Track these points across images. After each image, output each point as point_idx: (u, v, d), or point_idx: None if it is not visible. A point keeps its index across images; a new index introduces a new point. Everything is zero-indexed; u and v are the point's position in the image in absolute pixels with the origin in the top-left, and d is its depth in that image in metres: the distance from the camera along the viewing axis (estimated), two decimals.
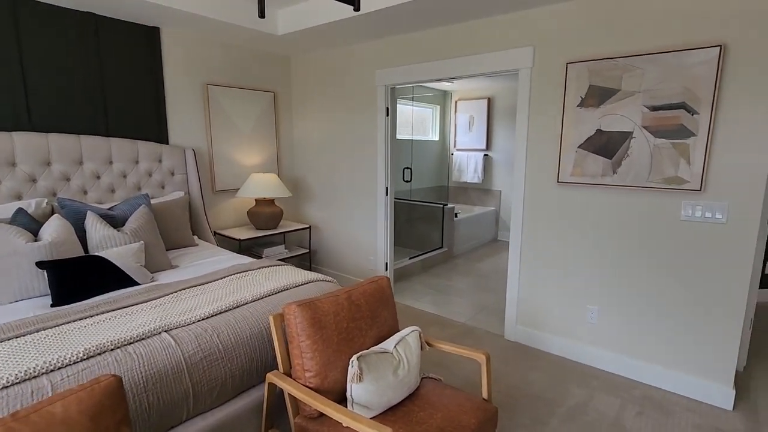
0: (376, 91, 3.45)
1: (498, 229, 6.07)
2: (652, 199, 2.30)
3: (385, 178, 3.51)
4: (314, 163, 4.07)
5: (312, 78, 3.92)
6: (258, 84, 3.82)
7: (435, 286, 4.06)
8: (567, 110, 2.49)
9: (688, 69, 2.10)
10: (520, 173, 2.75)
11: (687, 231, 2.22)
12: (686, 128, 2.14)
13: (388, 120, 3.44)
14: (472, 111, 6.02)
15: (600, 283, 2.54)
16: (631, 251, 2.40)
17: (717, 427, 2.07)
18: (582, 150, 2.47)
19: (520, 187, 2.76)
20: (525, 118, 2.68)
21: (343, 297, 1.66)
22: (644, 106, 2.24)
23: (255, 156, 3.86)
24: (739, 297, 2.13)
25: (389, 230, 3.61)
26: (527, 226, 2.78)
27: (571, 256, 2.62)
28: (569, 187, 2.57)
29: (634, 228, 2.37)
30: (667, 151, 2.20)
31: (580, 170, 2.49)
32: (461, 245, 5.31)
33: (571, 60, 2.46)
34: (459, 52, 2.93)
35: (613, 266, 2.48)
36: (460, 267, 4.72)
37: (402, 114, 5.60)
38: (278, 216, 3.67)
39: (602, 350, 2.57)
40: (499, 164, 5.94)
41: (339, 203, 3.93)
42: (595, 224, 2.50)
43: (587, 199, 2.51)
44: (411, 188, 5.80)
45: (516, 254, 2.84)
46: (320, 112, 3.92)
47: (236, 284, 2.04)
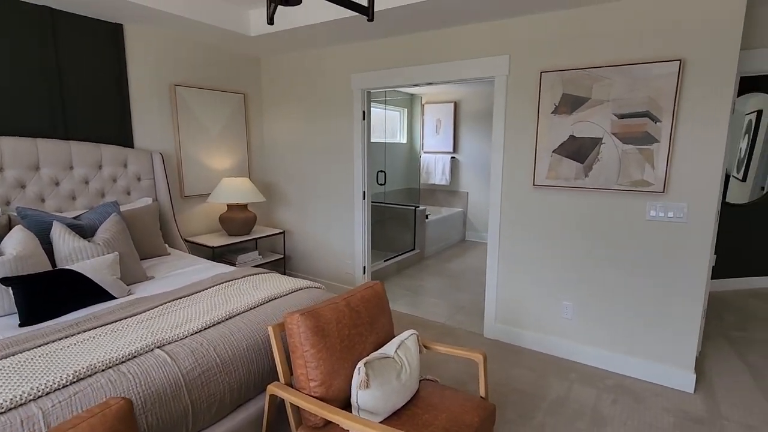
0: (352, 94, 3.45)
1: (465, 229, 6.24)
2: (620, 200, 2.47)
3: (362, 182, 3.52)
4: (287, 166, 3.99)
5: (284, 80, 3.85)
6: (228, 85, 3.70)
7: (410, 288, 4.11)
8: (541, 117, 2.62)
9: (652, 80, 2.27)
10: (497, 177, 2.85)
11: (652, 230, 2.40)
12: (650, 135, 2.32)
13: (364, 124, 3.45)
14: (439, 114, 6.15)
15: (574, 280, 2.68)
16: (602, 249, 2.56)
17: (682, 409, 2.25)
18: (556, 154, 2.60)
19: (497, 190, 2.86)
20: (501, 124, 2.79)
21: (342, 304, 1.65)
22: (613, 114, 2.40)
23: (225, 159, 3.74)
24: (698, 289, 2.33)
25: (367, 234, 3.62)
26: (504, 227, 2.89)
27: (547, 255, 2.75)
28: (544, 190, 2.70)
29: (605, 228, 2.54)
30: (633, 156, 2.37)
31: (554, 174, 2.62)
32: (432, 246, 5.41)
33: (546, 69, 2.59)
34: (437, 58, 2.99)
35: (585, 264, 2.63)
36: (432, 268, 4.80)
37: (374, 117, 5.62)
38: (251, 221, 3.57)
39: (577, 344, 2.72)
40: (465, 167, 6.10)
41: (314, 207, 3.88)
42: (568, 224, 2.65)
43: (561, 200, 2.65)
44: (384, 191, 5.83)
45: (494, 255, 2.94)
46: (293, 114, 3.86)
47: (224, 294, 1.97)
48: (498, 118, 2.79)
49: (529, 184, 2.75)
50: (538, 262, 2.79)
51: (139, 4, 2.54)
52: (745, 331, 3.18)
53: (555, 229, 2.70)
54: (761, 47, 2.44)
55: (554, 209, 2.68)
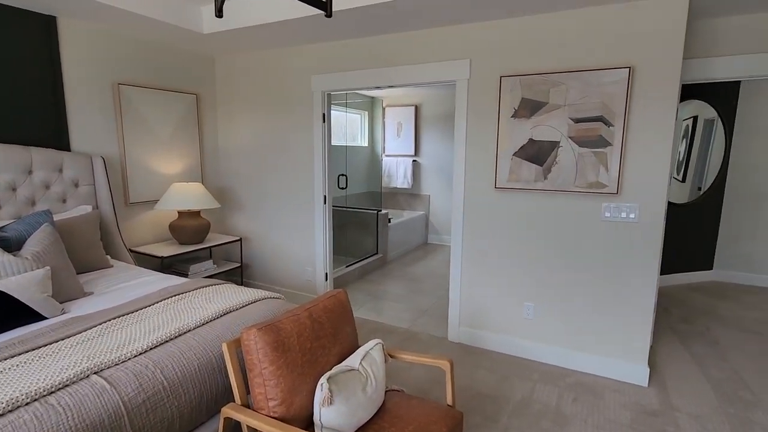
0: (312, 96, 3.35)
1: (428, 232, 6.26)
2: (577, 201, 2.53)
3: (322, 186, 3.42)
4: (244, 171, 3.82)
5: (240, 80, 3.69)
6: (179, 85, 3.49)
7: (373, 293, 4.05)
8: (502, 120, 2.65)
9: (605, 86, 2.35)
10: (460, 179, 2.85)
11: (607, 230, 2.49)
12: (604, 139, 2.39)
13: (324, 127, 3.36)
14: (400, 117, 6.16)
15: (535, 280, 2.73)
16: (561, 250, 2.62)
17: (638, 403, 2.33)
18: (516, 158, 2.64)
19: (459, 193, 2.87)
20: (463, 127, 2.79)
21: (304, 315, 1.56)
22: (569, 119, 2.46)
23: (175, 164, 3.52)
24: (650, 286, 2.43)
25: (328, 239, 3.52)
26: (467, 230, 2.89)
27: (509, 256, 2.78)
28: (506, 192, 2.73)
29: (563, 228, 2.60)
30: (589, 159, 2.44)
31: (515, 176, 2.66)
32: (395, 250, 5.38)
33: (505, 74, 2.62)
34: (398, 61, 2.96)
35: (545, 264, 2.68)
36: (395, 272, 4.77)
37: (334, 119, 5.52)
38: (205, 229, 3.38)
39: (539, 343, 2.76)
40: (427, 170, 6.14)
41: (272, 213, 3.73)
42: (529, 226, 2.69)
43: (522, 202, 2.69)
44: (345, 194, 5.74)
45: (457, 258, 2.94)
46: (250, 116, 3.70)
47: (174, 309, 1.82)
48: (459, 121, 2.80)
49: (491, 187, 2.77)
50: (501, 264, 2.82)
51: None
52: (689, 324, 3.37)
53: (517, 231, 2.73)
54: (700, 57, 2.59)
55: (515, 211, 2.72)
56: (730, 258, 4.46)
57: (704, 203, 4.39)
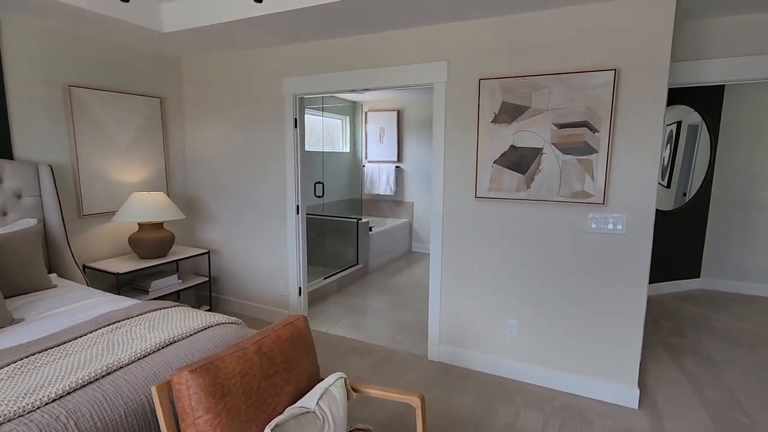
0: (284, 100, 3.15)
1: (412, 240, 6.09)
2: (562, 212, 2.38)
3: (295, 194, 3.22)
4: (212, 179, 3.60)
5: (208, 83, 3.48)
6: (141, 87, 3.26)
7: (352, 307, 3.84)
8: (482, 126, 2.49)
9: (590, 90, 2.20)
10: (439, 189, 2.68)
11: (593, 242, 2.33)
12: (589, 145, 2.24)
13: (296, 132, 3.16)
14: (383, 123, 5.99)
15: (518, 296, 2.56)
16: (545, 263, 2.46)
17: (629, 428, 2.17)
18: (497, 165, 2.47)
19: (438, 203, 2.69)
20: (441, 133, 2.62)
21: (251, 350, 1.36)
22: (553, 124, 2.30)
23: (137, 172, 3.28)
24: (639, 301, 2.28)
25: (302, 251, 3.31)
26: (447, 242, 2.72)
27: (491, 270, 2.61)
28: (487, 202, 2.56)
29: (548, 241, 2.43)
30: (574, 167, 2.29)
31: (496, 185, 2.49)
32: (376, 260, 5.18)
33: (484, 76, 2.46)
34: (373, 62, 2.79)
35: (529, 279, 2.51)
36: (377, 283, 4.57)
37: (310, 125, 5.33)
38: (168, 242, 3.15)
39: (523, 363, 2.59)
40: (410, 176, 5.97)
41: (243, 224, 3.51)
42: (512, 238, 2.52)
43: (504, 213, 2.52)
44: (323, 202, 5.54)
45: (437, 271, 2.76)
46: (219, 121, 3.48)
47: (108, 341, 1.60)
48: (438, 127, 2.63)
49: (471, 196, 2.60)
50: (483, 278, 2.64)
51: None
52: (680, 337, 3.24)
53: (499, 243, 2.56)
54: (688, 59, 2.47)
55: (497, 222, 2.55)
56: (718, 266, 4.37)
57: (690, 210, 4.29)
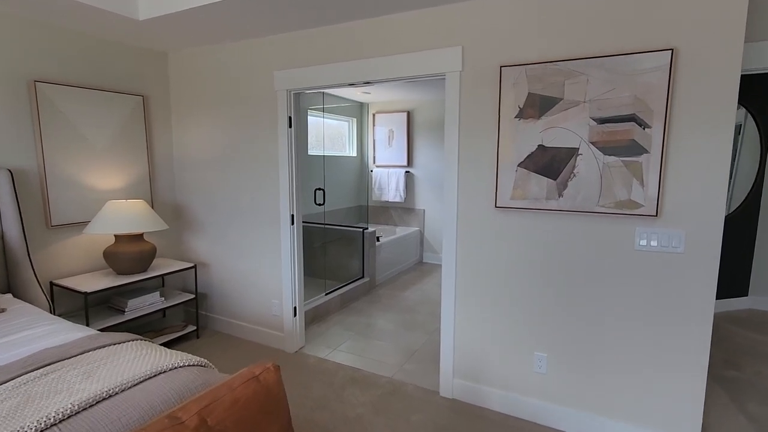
0: (276, 96, 2.80)
1: (423, 250, 5.68)
2: (603, 226, 1.96)
3: (289, 202, 2.85)
4: (202, 185, 3.26)
5: (196, 80, 3.15)
6: (120, 84, 2.95)
7: (355, 327, 3.45)
8: (503, 122, 2.09)
9: (638, 76, 1.79)
10: (452, 197, 2.29)
11: (642, 262, 1.91)
12: (638, 144, 1.83)
13: (291, 132, 2.81)
14: (392, 125, 5.62)
15: (548, 324, 2.14)
16: (582, 287, 2.04)
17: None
18: (523, 169, 2.07)
19: (452, 214, 2.30)
20: (455, 132, 2.24)
21: (192, 423, 0.98)
22: (591, 119, 1.90)
23: (115, 178, 2.96)
24: (702, 335, 1.84)
25: (297, 266, 2.94)
26: (462, 260, 2.32)
27: (515, 293, 2.20)
28: (509, 213, 2.16)
29: (585, 260, 2.02)
30: (618, 171, 1.88)
31: (521, 192, 2.09)
32: (384, 272, 4.79)
33: (507, 63, 2.07)
34: (375, 51, 2.42)
35: (562, 305, 2.10)
36: (384, 299, 4.18)
37: (315, 127, 4.99)
38: (148, 255, 2.81)
39: (554, 404, 2.16)
40: (421, 182, 5.58)
41: (233, 235, 3.16)
42: (540, 256, 2.11)
43: (530, 226, 2.11)
44: (325, 210, 5.18)
45: (450, 293, 2.36)
46: (207, 121, 3.15)
47: (26, 394, 1.24)
48: (451, 125, 2.24)
49: (490, 206, 2.20)
50: (505, 302, 2.23)
51: None
52: (736, 369, 2.76)
53: (524, 262, 2.16)
54: (759, 40, 2.04)
55: (522, 236, 2.14)
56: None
57: (736, 221, 3.81)
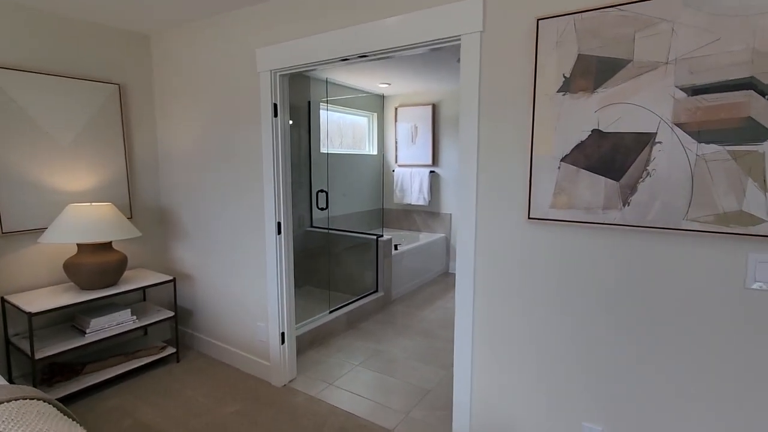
0: (259, 79, 2.33)
1: (449, 259, 5.07)
2: (694, 250, 1.31)
3: (275, 208, 2.37)
4: (186, 187, 2.85)
5: (179, 65, 2.74)
6: (91, 71, 2.58)
7: (360, 355, 2.92)
8: (541, 100, 1.49)
9: (759, 17, 1.14)
10: (469, 205, 1.70)
11: (756, 307, 1.25)
12: (758, 125, 1.18)
13: (277, 123, 2.31)
14: (415, 119, 5.05)
15: (604, 384, 1.51)
16: (657, 335, 1.40)
17: None
18: (569, 166, 1.46)
19: (468, 228, 1.71)
20: (473, 117, 1.65)
21: None
22: (678, 88, 1.26)
23: (85, 178, 2.59)
24: None
25: (285, 285, 2.45)
26: (481, 289, 1.72)
27: (555, 340, 1.59)
28: (548, 228, 1.55)
29: (663, 299, 1.38)
30: (721, 167, 1.23)
31: (566, 199, 1.47)
32: (402, 285, 4.23)
33: (546, 13, 1.46)
34: (372, 13, 1.88)
35: (625, 358, 1.46)
36: (399, 318, 3.62)
37: (332, 123, 4.52)
38: (116, 267, 2.42)
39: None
40: (447, 183, 4.97)
41: (219, 244, 2.72)
42: (592, 291, 1.49)
43: (579, 247, 1.50)
44: (333, 215, 4.68)
45: (465, 332, 1.78)
46: (190, 114, 2.73)
47: None
48: (468, 108, 1.66)
49: (520, 218, 1.60)
50: (541, 352, 1.62)
51: None
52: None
53: (568, 297, 1.54)
54: None
55: (566, 262, 1.53)
56: None
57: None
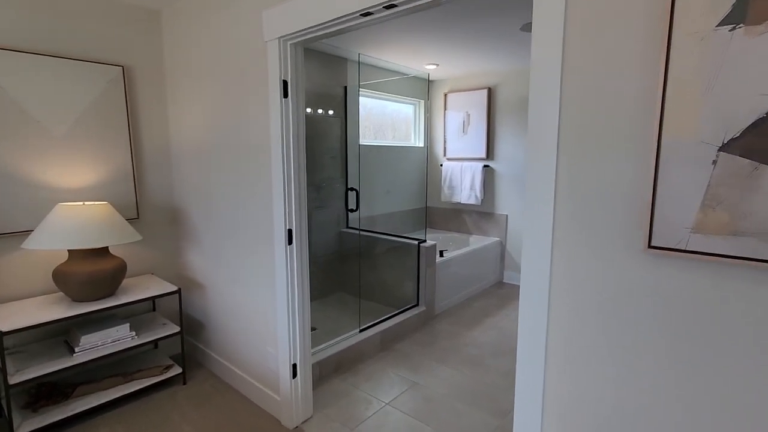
0: (267, 51, 1.86)
1: (504, 267, 4.41)
2: None
3: (284, 212, 1.90)
4: (196, 183, 2.48)
5: (193, 42, 2.36)
6: (89, 50, 2.26)
7: (392, 389, 2.41)
8: (682, 42, 0.87)
9: None
10: (541, 220, 1.11)
11: None
12: None
13: (286, 106, 1.84)
14: (468, 106, 4.41)
15: None
16: None
17: None
18: (736, 158, 0.83)
19: (539, 255, 1.12)
20: (554, 74, 1.06)
21: None
22: None
23: (82, 174, 2.29)
24: None
25: (298, 305, 1.99)
26: (557, 353, 1.14)
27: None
28: (688, 264, 0.93)
29: None
30: None
31: (725, 218, 0.85)
32: (448, 297, 3.66)
33: None
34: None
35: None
36: (443, 340, 3.06)
37: (362, 109, 4.02)
38: (111, 276, 2.09)
39: None
40: (504, 179, 4.30)
41: (228, 252, 2.32)
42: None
43: (746, 299, 0.87)
44: (376, 213, 4.18)
45: (531, 416, 1.20)
46: (201, 98, 2.34)
47: None
48: (544, 64, 1.07)
49: (634, 246, 0.99)
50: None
51: None
52: None
53: (723, 379, 0.92)
54: None
55: (722, 322, 0.90)
56: None
57: None
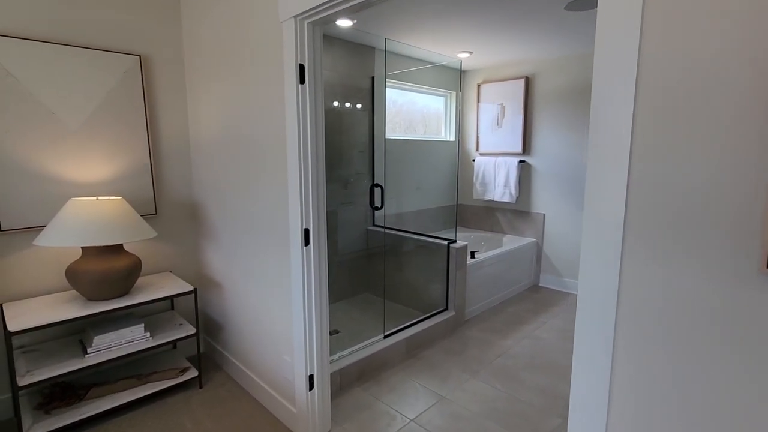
0: (282, 32, 1.70)
1: (539, 270, 4.11)
2: None
3: (301, 210, 1.74)
4: (214, 178, 2.36)
5: (214, 26, 2.23)
6: (105, 39, 2.18)
7: (417, 403, 2.21)
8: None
9: None
10: (605, 223, 0.88)
11: None
12: None
13: (303, 92, 1.67)
14: (503, 98, 4.13)
15: None
16: None
17: None
18: None
19: (606, 277, 0.90)
20: (632, 30, 0.82)
21: None
22: None
23: (99, 168, 2.21)
24: None
25: (315, 312, 1.82)
26: (626, 395, 0.91)
27: None
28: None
29: None
30: None
31: None
32: (479, 301, 3.42)
33: None
34: None
35: None
36: (473, 349, 2.83)
37: (388, 101, 3.82)
38: (126, 274, 2.00)
39: None
40: (541, 175, 4.00)
41: (245, 252, 2.19)
42: None
43: None
44: (403, 210, 3.97)
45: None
46: (220, 86, 2.21)
47: None
48: (614, 14, 0.84)
49: (740, 264, 0.75)
50: None
51: None
52: None
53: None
54: None
55: None
56: None
57: None
